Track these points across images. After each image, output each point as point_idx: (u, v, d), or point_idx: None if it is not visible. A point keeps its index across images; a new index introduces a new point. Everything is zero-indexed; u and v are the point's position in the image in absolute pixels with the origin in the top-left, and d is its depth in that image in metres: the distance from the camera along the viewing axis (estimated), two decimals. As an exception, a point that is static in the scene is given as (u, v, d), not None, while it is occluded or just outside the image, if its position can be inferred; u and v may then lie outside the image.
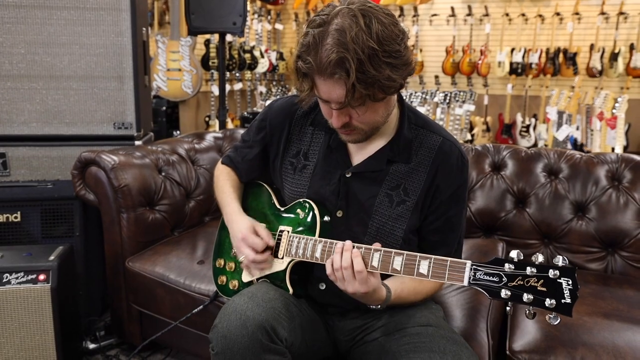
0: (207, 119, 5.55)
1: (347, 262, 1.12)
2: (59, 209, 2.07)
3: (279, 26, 6.72)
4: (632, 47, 5.30)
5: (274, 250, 1.33)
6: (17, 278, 1.70)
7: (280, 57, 6.63)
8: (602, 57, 5.40)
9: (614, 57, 5.35)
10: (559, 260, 0.95)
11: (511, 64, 5.71)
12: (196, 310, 1.63)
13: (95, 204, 1.99)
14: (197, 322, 1.72)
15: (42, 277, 1.72)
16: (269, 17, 6.54)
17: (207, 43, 5.35)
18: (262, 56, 6.11)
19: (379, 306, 1.21)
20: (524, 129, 5.73)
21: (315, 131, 1.38)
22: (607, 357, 1.29)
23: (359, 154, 1.33)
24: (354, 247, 1.15)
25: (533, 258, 0.97)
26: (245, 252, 1.32)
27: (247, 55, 5.84)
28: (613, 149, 3.89)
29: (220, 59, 2.84)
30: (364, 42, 1.04)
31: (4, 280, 1.69)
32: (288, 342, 1.16)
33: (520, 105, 5.84)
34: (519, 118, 5.79)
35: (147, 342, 1.71)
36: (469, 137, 5.39)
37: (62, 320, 1.76)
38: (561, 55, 5.55)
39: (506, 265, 0.98)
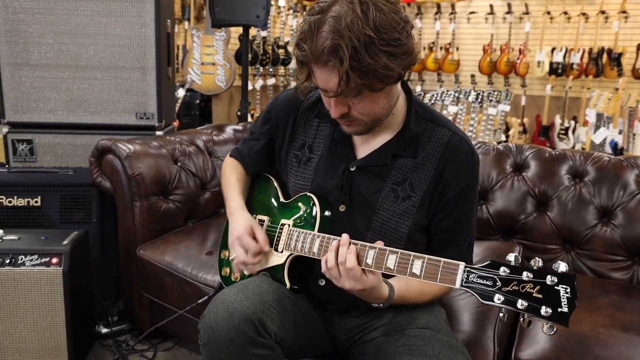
0: (239, 113, 5.58)
1: (342, 257, 1.08)
2: (78, 195, 2.10)
3: (314, 22, 6.67)
4: (681, 48, 5.03)
5: (274, 244, 1.31)
6: (31, 260, 1.74)
7: (314, 53, 6.58)
8: (649, 58, 5.13)
9: (662, 58, 5.08)
10: (560, 266, 0.88)
11: (551, 63, 5.50)
12: (201, 300, 1.63)
13: (111, 191, 2.01)
14: (202, 312, 1.72)
15: (54, 260, 1.76)
16: (304, 13, 6.52)
17: (241, 38, 5.37)
18: (296, 52, 6.09)
19: (381, 305, 1.17)
20: (563, 132, 5.51)
21: (321, 124, 1.35)
22: (618, 373, 1.21)
23: (364, 148, 1.29)
24: (350, 243, 1.10)
25: (532, 262, 0.91)
26: (237, 252, 1.31)
27: (281, 51, 5.84)
28: (656, 155, 3.68)
29: (243, 52, 2.85)
30: (359, 29, 1.01)
31: (19, 262, 1.74)
32: (278, 337, 1.13)
33: (560, 106, 5.62)
34: (557, 120, 5.58)
35: (152, 329, 1.72)
36: (503, 137, 5.22)
37: (73, 304, 1.80)
38: (605, 55, 5.30)
39: (501, 268, 0.92)
